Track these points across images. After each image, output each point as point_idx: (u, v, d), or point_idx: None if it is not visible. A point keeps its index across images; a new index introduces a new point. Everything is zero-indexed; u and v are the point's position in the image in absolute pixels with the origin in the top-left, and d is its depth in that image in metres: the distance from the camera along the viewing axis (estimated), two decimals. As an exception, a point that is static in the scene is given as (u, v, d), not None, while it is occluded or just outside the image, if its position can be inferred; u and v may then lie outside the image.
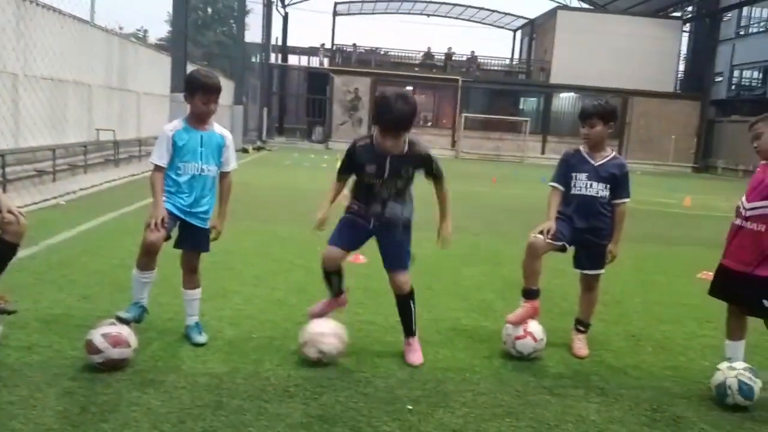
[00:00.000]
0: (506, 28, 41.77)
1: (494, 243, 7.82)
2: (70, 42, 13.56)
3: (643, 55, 32.01)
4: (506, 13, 39.59)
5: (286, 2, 38.16)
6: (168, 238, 3.54)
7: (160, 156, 3.52)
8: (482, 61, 35.89)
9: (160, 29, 51.64)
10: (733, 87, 36.19)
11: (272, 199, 4.47)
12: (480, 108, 33.35)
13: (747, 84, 36.01)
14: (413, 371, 3.50)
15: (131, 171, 13.65)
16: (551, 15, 34.10)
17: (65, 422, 2.68)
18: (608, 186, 3.78)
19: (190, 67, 15.58)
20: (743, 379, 3.22)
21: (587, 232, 3.80)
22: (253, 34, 32.97)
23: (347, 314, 4.09)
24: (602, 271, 3.94)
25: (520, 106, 34.74)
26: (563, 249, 3.81)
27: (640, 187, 18.92)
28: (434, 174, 3.60)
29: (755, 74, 35.28)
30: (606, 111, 3.79)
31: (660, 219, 11.72)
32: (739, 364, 3.31)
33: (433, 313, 4.59)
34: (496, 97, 34.26)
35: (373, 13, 40.46)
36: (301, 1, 38.86)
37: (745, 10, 34.43)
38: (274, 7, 34.69)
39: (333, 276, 3.71)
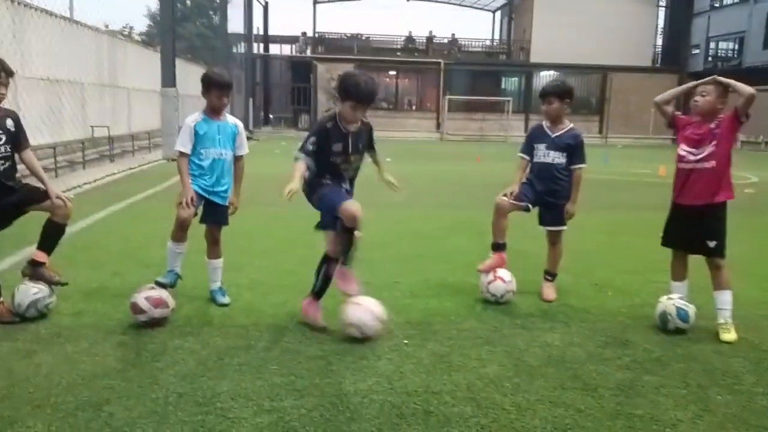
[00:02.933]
0: (485, 9, 42.29)
1: (478, 215, 8.36)
2: (61, 42, 13.99)
3: (621, 30, 32.71)
4: (485, -5, 40.09)
5: (267, -8, 38.34)
6: (196, 214, 4.15)
7: (184, 144, 4.12)
8: (463, 43, 36.41)
9: (140, 23, 51.49)
10: (710, 59, 36.96)
11: (267, 184, 4.94)
12: (463, 90, 33.93)
13: (723, 55, 36.79)
14: (408, 316, 4.15)
15: (128, 165, 14.15)
16: (529, -6, 34.66)
17: (125, 364, 3.31)
18: (565, 154, 4.43)
19: (176, 62, 16.06)
20: (679, 305, 3.90)
21: (546, 194, 4.46)
22: (234, 24, 33.23)
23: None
24: (564, 227, 4.59)
25: (502, 86, 35.34)
26: (527, 209, 4.48)
27: (618, 160, 19.73)
28: (373, 143, 4.00)
29: (731, 45, 36.04)
30: (562, 90, 4.44)
31: (634, 188, 12.45)
32: (675, 295, 3.99)
33: (424, 274, 5.25)
34: (478, 78, 34.83)
35: (353, 0, 40.75)
36: (281, -10, 39.06)
37: (720, -19, 35.21)
38: (254, -2, 34.90)
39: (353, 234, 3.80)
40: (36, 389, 2.96)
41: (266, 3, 38.65)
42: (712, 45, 36.84)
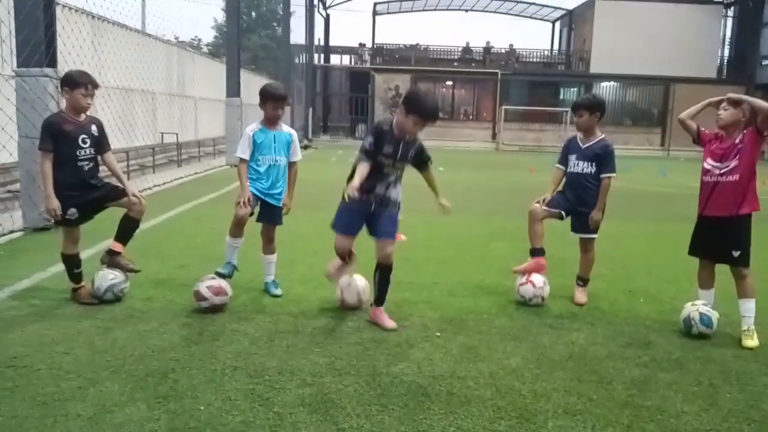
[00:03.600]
0: (545, 20, 41.99)
1: (522, 223, 8.63)
2: (135, 54, 14.99)
3: (684, 41, 31.94)
4: (544, 5, 39.84)
5: (328, 4, 39.39)
6: (251, 214, 4.60)
7: (243, 151, 4.59)
8: (521, 53, 36.33)
9: (207, 34, 53.64)
10: (781, 70, 35.63)
11: (322, 190, 5.28)
12: (520, 100, 33.86)
13: (795, 66, 35.36)
14: (443, 313, 4.47)
15: (194, 170, 14.97)
16: (590, 5, 34.28)
17: (189, 341, 3.76)
18: (594, 163, 4.66)
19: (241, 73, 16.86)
20: (703, 311, 4.07)
21: (577, 202, 4.71)
22: (296, 35, 34.27)
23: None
24: (594, 235, 4.81)
25: (561, 97, 35.03)
26: (560, 216, 4.73)
27: (678, 173, 19.36)
28: (427, 158, 4.21)
29: (803, 56, 34.60)
30: (591, 103, 4.71)
31: (688, 200, 12.24)
32: (700, 301, 4.16)
33: (462, 275, 5.56)
34: (536, 88, 34.69)
35: (411, 11, 41.29)
36: (342, 2, 40.04)
37: (792, -10, 33.89)
38: (316, 10, 35.93)
39: (345, 259, 4.32)
40: (113, 358, 3.44)
41: (327, 15, 39.71)
42: (784, 56, 35.49)
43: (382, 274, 4.15)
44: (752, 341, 3.97)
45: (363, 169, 3.91)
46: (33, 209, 6.69)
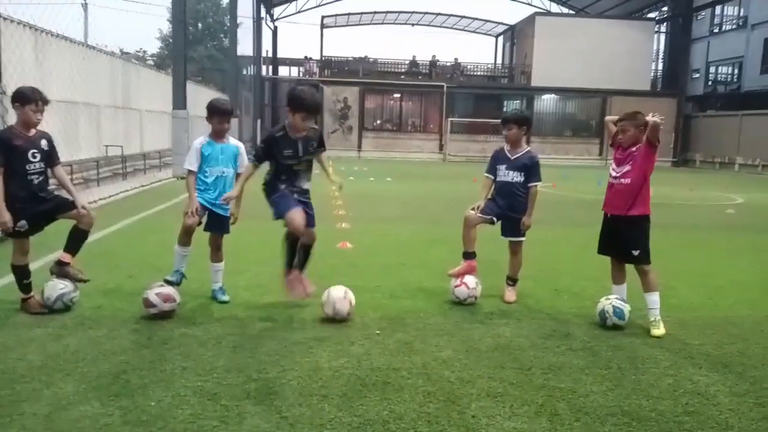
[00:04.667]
0: (488, 35, 43.30)
1: (461, 230, 9.12)
2: (79, 67, 14.83)
3: (620, 55, 33.51)
4: (487, 20, 41.13)
5: (275, 16, 39.54)
6: (199, 223, 4.81)
7: (191, 163, 4.80)
8: (466, 66, 37.29)
9: (151, 45, 52.88)
10: (710, 83, 37.75)
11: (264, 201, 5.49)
12: (465, 112, 34.78)
13: (723, 79, 37.54)
14: (384, 312, 4.78)
15: (140, 182, 14.90)
16: (530, 21, 35.61)
17: (138, 345, 3.94)
18: (522, 173, 5.07)
19: (189, 84, 16.87)
20: (616, 304, 4.52)
21: (507, 208, 5.10)
22: (243, 47, 34.24)
23: (341, 279, 5.33)
24: (522, 238, 5.21)
25: (504, 109, 36.08)
26: (492, 222, 5.12)
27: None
28: (323, 145, 4.81)
29: (730, 69, 36.78)
30: (519, 118, 5.13)
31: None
32: (613, 295, 4.61)
33: (403, 279, 5.89)
34: (481, 101, 35.68)
35: (359, 24, 41.87)
36: (290, 15, 40.25)
37: (718, 8, 36.03)
38: (263, 22, 36.03)
39: (296, 243, 4.68)
40: (65, 362, 3.60)
41: (275, 27, 39.83)
42: (712, 69, 37.65)
43: (306, 249, 4.84)
44: (659, 330, 4.43)
45: (245, 173, 4.78)
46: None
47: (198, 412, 3.04)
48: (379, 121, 35.26)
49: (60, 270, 4.61)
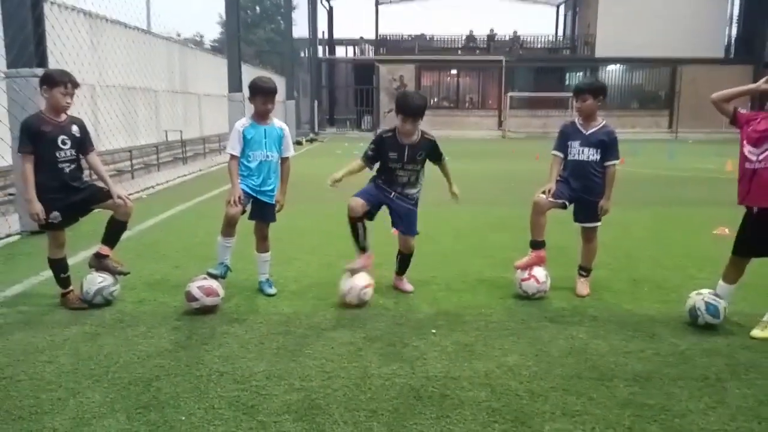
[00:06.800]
0: (548, 3, 41.52)
1: (524, 212, 8.54)
2: (136, 52, 14.89)
3: (690, 21, 31.45)
4: (548, -11, 39.39)
5: (330, -4, 39.16)
6: (244, 212, 4.49)
7: (233, 147, 4.46)
8: (525, 39, 35.95)
9: (212, 30, 53.51)
10: (791, 48, 35.01)
11: (323, 183, 5.08)
12: (525, 87, 33.55)
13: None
14: (439, 309, 4.34)
15: (198, 167, 14.91)
16: (594, -13, 33.84)
17: (177, 345, 3.66)
18: (599, 150, 4.49)
19: (243, 67, 16.75)
20: (708, 300, 3.91)
21: (581, 191, 4.53)
22: (300, 29, 34.16)
23: (390, 271, 4.93)
24: (598, 223, 4.65)
25: (566, 82, 34.66)
26: (564, 206, 4.56)
27: (685, 156, 19.06)
28: (439, 155, 4.61)
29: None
30: (595, 87, 4.52)
31: (695, 184, 12.08)
32: (705, 290, 3.99)
33: (461, 269, 5.42)
34: (541, 74, 34.36)
35: (414, 0, 40.93)
36: (344, -6, 39.77)
37: (801, -34, 33.22)
38: (318, 2, 35.71)
39: (358, 225, 4.42)
40: (97, 366, 3.34)
41: (331, 7, 39.47)
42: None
43: (404, 257, 4.78)
44: (763, 333, 3.80)
45: (354, 165, 4.55)
46: (29, 212, 6.61)
47: (231, 429, 2.70)
48: (436, 99, 34.45)
49: (98, 263, 4.39)
